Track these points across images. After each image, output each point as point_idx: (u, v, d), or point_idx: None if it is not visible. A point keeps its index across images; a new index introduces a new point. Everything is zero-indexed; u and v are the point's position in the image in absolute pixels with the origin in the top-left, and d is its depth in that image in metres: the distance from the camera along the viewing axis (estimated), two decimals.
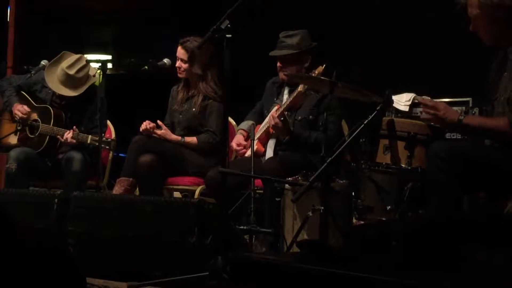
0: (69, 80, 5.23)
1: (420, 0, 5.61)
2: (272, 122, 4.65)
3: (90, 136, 5.04)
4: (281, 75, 4.91)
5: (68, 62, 5.25)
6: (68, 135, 5.10)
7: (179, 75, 5.28)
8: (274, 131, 4.77)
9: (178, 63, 5.23)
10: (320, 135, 4.55)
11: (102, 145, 4.84)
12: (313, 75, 4.49)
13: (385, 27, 5.81)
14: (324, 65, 4.49)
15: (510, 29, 3.57)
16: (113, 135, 5.57)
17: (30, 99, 5.44)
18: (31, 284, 2.28)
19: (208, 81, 5.21)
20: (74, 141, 5.10)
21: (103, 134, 4.93)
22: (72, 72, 5.21)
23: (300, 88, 4.65)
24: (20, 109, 5.31)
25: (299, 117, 4.79)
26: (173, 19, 7.41)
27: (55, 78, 5.25)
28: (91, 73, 5.30)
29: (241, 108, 5.23)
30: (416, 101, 4.82)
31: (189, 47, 5.15)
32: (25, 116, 5.30)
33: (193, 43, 5.13)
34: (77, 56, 5.34)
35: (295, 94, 4.69)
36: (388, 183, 4.08)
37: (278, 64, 4.86)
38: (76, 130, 5.11)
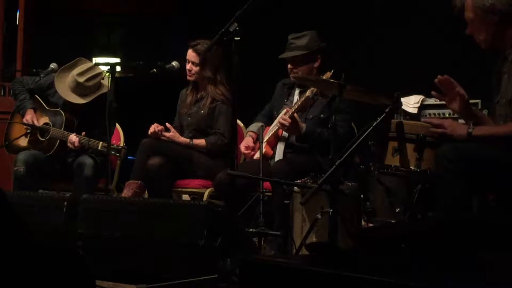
0: (78, 88, 5.16)
1: (428, 3, 5.60)
2: (283, 123, 4.63)
3: (101, 142, 5.00)
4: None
5: (80, 69, 5.18)
6: (73, 138, 5.08)
7: (189, 78, 5.28)
8: (284, 131, 4.75)
9: (188, 66, 5.23)
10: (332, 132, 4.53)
11: (112, 152, 4.83)
12: None
13: (393, 29, 5.80)
14: (332, 71, 4.49)
15: (504, 32, 3.61)
16: (122, 139, 5.57)
17: (42, 102, 5.44)
18: (41, 286, 2.28)
19: (217, 84, 5.21)
20: (79, 145, 5.08)
21: (114, 142, 4.89)
22: (81, 80, 5.14)
23: (308, 93, 4.64)
24: (31, 118, 5.32)
25: (311, 116, 4.78)
26: (182, 22, 7.42)
27: (65, 84, 5.20)
28: (104, 82, 5.22)
29: (250, 110, 5.23)
30: (425, 102, 4.82)
31: (200, 49, 5.14)
32: (33, 124, 5.30)
33: (203, 45, 5.12)
34: (91, 64, 5.30)
35: (303, 99, 4.68)
36: (397, 185, 4.07)
37: (289, 66, 4.86)
38: (84, 135, 5.09)
